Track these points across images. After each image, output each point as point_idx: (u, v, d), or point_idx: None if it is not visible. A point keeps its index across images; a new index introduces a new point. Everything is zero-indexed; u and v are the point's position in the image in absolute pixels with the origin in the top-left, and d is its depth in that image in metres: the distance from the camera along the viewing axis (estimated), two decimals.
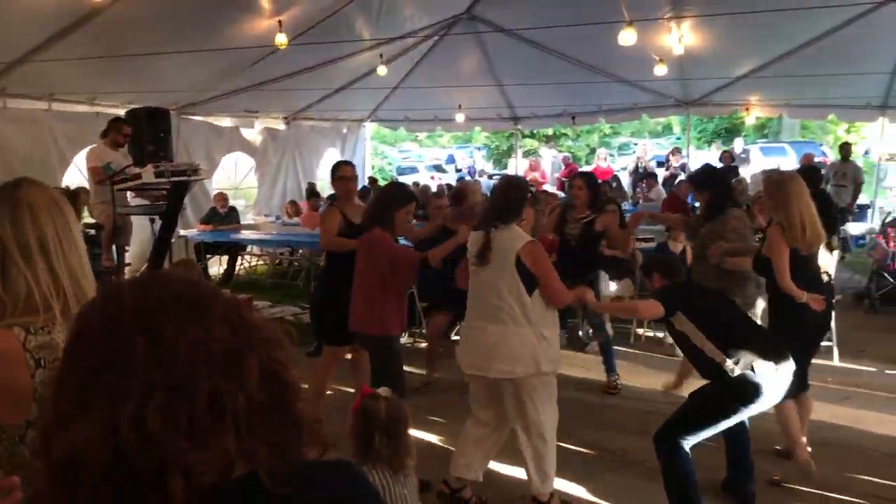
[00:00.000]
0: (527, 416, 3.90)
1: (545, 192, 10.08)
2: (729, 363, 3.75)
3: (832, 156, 18.11)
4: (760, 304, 5.42)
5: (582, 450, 4.93)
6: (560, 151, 24.01)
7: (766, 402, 3.81)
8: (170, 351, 0.92)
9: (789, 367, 3.82)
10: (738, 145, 17.70)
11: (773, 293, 4.55)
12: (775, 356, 3.79)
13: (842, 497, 4.23)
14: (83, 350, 0.96)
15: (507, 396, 3.93)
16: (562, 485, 4.26)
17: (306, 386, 3.86)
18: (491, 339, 3.83)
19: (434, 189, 14.36)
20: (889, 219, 9.70)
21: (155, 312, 0.96)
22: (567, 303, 4.12)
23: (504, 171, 24.22)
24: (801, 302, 4.34)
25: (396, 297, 4.53)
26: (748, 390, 3.72)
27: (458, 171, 25.86)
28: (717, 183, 5.72)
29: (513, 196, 3.99)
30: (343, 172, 5.31)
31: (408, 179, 19.01)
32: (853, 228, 12.06)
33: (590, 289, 4.34)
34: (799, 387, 4.27)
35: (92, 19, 7.28)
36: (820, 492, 4.26)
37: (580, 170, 15.19)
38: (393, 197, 4.65)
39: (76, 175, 9.38)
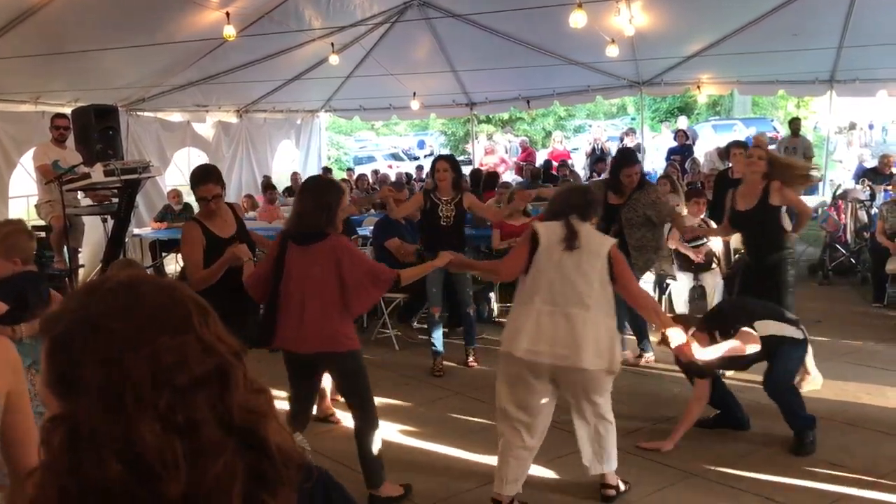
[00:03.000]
0: (597, 405, 3.81)
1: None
2: None
3: (784, 131, 18.38)
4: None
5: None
6: (516, 136, 24.09)
7: None
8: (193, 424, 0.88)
9: None
10: (682, 123, 17.84)
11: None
12: None
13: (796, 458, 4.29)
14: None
15: (575, 387, 3.78)
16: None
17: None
18: (579, 325, 3.63)
19: (393, 178, 14.34)
20: (839, 191, 9.85)
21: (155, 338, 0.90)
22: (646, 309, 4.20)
23: (462, 157, 24.23)
24: None
25: (357, 312, 4.15)
26: None
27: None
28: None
29: (590, 198, 4.05)
30: (205, 192, 4.39)
31: (366, 169, 18.95)
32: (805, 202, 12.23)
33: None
34: None
35: (31, 16, 7.08)
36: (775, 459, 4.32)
37: (443, 153, 14.81)
38: (331, 192, 4.03)
39: (24, 176, 9.14)
